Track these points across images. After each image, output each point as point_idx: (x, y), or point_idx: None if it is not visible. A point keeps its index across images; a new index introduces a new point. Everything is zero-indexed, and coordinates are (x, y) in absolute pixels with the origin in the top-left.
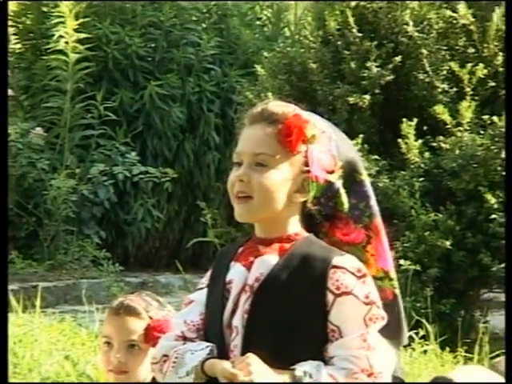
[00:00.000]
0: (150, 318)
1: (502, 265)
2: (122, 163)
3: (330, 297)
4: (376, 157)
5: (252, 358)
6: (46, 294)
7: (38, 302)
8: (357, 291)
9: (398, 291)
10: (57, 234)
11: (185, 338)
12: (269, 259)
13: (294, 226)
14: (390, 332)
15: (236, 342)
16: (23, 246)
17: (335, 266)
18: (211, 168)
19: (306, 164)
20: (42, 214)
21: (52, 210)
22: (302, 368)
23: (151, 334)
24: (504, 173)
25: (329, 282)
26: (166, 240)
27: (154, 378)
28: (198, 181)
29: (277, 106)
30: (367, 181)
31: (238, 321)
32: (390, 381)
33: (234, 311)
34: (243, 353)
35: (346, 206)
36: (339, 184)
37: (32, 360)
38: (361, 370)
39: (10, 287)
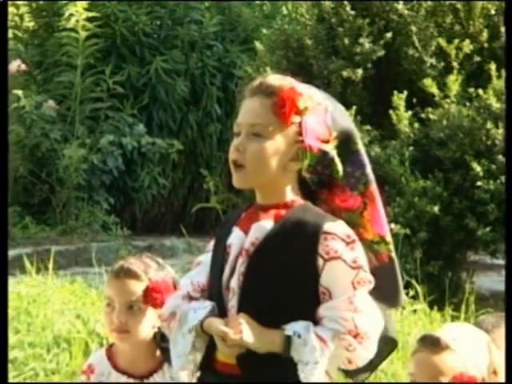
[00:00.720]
0: (149, 279)
1: (487, 229)
2: (129, 134)
3: (320, 261)
4: (368, 127)
5: (243, 318)
6: (58, 257)
7: (50, 265)
8: (345, 256)
9: (393, 255)
10: (68, 200)
11: (190, 298)
12: (264, 225)
13: (291, 194)
14: (388, 293)
15: (232, 302)
16: (37, 212)
17: (326, 232)
18: (213, 138)
19: (301, 134)
20: (55, 181)
21: (64, 178)
22: (292, 328)
23: (150, 295)
24: (489, 142)
25: (319, 248)
26: (170, 206)
27: (154, 336)
28: (201, 150)
29: (274, 80)
30: (362, 150)
31: (234, 283)
32: (377, 341)
33: (231, 273)
34: (238, 313)
35: (341, 173)
36: (334, 153)
37: (45, 319)
38: (347, 331)
39: (24, 251)
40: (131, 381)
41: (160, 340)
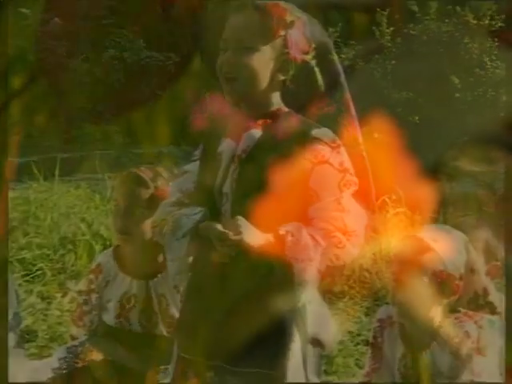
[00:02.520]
0: (156, 187)
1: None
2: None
3: (308, 165)
4: (352, 42)
5: (241, 220)
6: (64, 165)
7: (56, 172)
8: (332, 160)
9: (364, 154)
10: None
11: (180, 204)
12: (254, 133)
13: (276, 103)
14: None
15: (226, 207)
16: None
17: (314, 138)
18: None
19: (286, 47)
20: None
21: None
22: (285, 228)
23: (154, 202)
24: (467, 57)
25: (308, 152)
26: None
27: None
28: (198, 64)
29: None
30: (337, 60)
31: (227, 188)
32: (362, 239)
33: (224, 180)
34: (232, 216)
35: (321, 82)
36: (313, 63)
37: (52, 222)
38: (337, 229)
39: (32, 158)
40: (136, 281)
41: None
